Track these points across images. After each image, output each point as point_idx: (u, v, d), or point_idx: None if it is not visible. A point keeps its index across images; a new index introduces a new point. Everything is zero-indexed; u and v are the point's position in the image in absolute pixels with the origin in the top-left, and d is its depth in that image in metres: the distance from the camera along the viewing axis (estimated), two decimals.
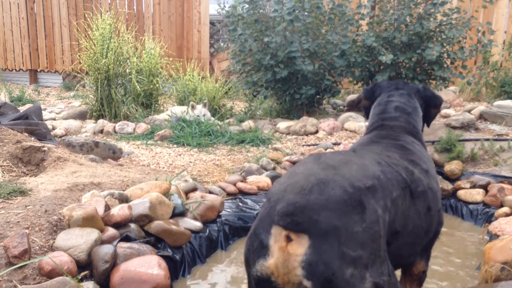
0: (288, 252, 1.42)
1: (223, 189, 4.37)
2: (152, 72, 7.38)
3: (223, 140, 6.10)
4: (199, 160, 5.32)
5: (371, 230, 1.46)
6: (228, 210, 4.01)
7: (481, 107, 6.21)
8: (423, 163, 2.08)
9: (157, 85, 7.41)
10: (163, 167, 5.02)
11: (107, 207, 3.16)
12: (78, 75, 7.67)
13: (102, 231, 2.87)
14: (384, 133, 2.28)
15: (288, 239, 1.42)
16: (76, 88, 9.00)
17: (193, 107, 6.73)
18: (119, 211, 3.06)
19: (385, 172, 1.71)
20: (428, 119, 2.61)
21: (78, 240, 2.67)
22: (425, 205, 1.93)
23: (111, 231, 2.91)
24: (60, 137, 5.81)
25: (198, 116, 6.66)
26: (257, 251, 1.51)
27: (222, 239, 3.67)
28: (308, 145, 5.89)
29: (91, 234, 2.73)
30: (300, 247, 1.40)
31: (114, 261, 2.58)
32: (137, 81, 7.19)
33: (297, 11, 6.66)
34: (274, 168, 5.09)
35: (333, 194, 1.45)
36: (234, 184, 4.52)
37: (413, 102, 2.46)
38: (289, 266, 1.42)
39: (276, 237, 1.45)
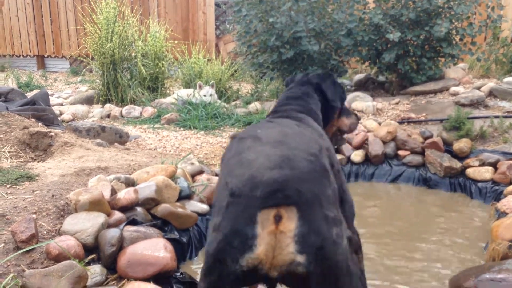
0: (280, 231, 1.40)
1: None
2: (157, 56, 7.35)
3: (230, 123, 6.08)
4: (205, 143, 5.32)
5: (335, 190, 1.56)
6: None
7: (490, 83, 6.12)
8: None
9: (162, 68, 7.39)
10: (170, 151, 5.03)
11: (114, 191, 3.17)
12: (84, 60, 7.66)
13: (108, 215, 2.88)
14: (278, 115, 2.28)
15: (277, 219, 1.40)
16: (82, 73, 8.99)
17: (200, 87, 6.72)
18: (125, 195, 3.07)
19: (315, 129, 1.82)
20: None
21: (85, 224, 2.68)
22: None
23: (117, 215, 2.92)
24: (68, 122, 5.83)
25: (205, 95, 6.64)
26: (239, 247, 1.43)
27: None
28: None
29: (98, 218, 2.74)
30: (291, 222, 1.40)
31: (120, 245, 2.60)
32: (143, 65, 7.17)
33: None
34: None
35: (303, 166, 1.49)
36: None
37: (304, 89, 2.48)
38: (282, 246, 1.40)
39: (263, 223, 1.41)
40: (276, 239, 1.40)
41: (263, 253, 1.41)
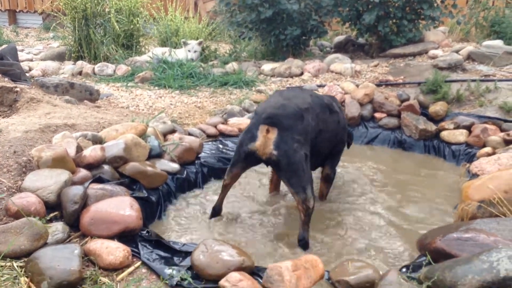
0: (267, 137, 2.72)
1: (203, 131, 4.29)
2: (132, 12, 7.08)
3: (206, 83, 5.94)
4: (180, 103, 5.19)
5: (305, 128, 2.81)
6: (208, 152, 3.93)
7: (469, 47, 6.07)
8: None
9: (137, 25, 7.13)
10: (143, 110, 4.90)
11: (80, 149, 3.06)
12: (57, 14, 7.33)
13: (73, 172, 2.79)
14: None
15: (267, 131, 2.71)
16: (52, 28, 8.55)
17: (184, 44, 6.55)
18: (91, 152, 2.97)
19: (313, 100, 3.06)
20: None
21: (47, 181, 2.59)
22: (337, 119, 3.25)
23: (82, 173, 2.83)
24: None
25: (189, 51, 6.48)
26: (250, 138, 2.78)
27: (201, 181, 3.62)
28: (293, 87, 5.76)
29: (61, 175, 2.65)
30: (273, 134, 2.71)
31: (84, 202, 2.51)
32: (117, 21, 6.90)
33: None
34: None
35: (289, 111, 2.79)
36: (215, 126, 4.43)
37: None
38: (267, 144, 2.72)
39: (261, 131, 2.74)
40: (265, 141, 2.72)
41: (259, 144, 2.74)
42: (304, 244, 2.77)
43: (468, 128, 4.42)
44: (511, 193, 2.48)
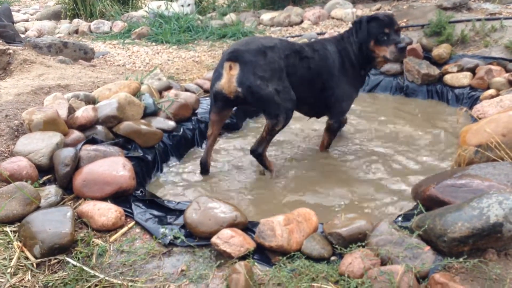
0: (230, 74, 2.77)
1: (200, 86, 4.22)
2: None
3: (204, 36, 5.81)
4: (177, 58, 5.10)
5: (270, 65, 2.82)
6: (205, 107, 3.88)
7: None
8: (323, 54, 3.17)
9: None
10: (140, 67, 4.83)
11: (72, 110, 3.03)
12: None
13: (65, 134, 2.77)
14: None
15: (230, 68, 2.76)
16: None
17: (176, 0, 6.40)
18: (83, 113, 2.94)
19: (281, 42, 3.02)
20: None
21: (39, 144, 2.57)
22: (307, 65, 3.08)
23: (75, 134, 2.81)
24: None
25: (182, 5, 6.31)
26: (216, 77, 2.85)
27: (198, 138, 3.58)
28: (292, 36, 5.61)
29: (53, 138, 2.63)
30: (235, 70, 2.76)
31: (76, 164, 2.50)
32: None
33: None
34: None
35: (251, 47, 2.83)
36: None
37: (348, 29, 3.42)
38: (231, 81, 2.77)
39: (225, 68, 2.79)
40: (228, 77, 2.78)
41: (223, 82, 2.80)
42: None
43: (472, 70, 4.29)
44: (509, 136, 2.40)
